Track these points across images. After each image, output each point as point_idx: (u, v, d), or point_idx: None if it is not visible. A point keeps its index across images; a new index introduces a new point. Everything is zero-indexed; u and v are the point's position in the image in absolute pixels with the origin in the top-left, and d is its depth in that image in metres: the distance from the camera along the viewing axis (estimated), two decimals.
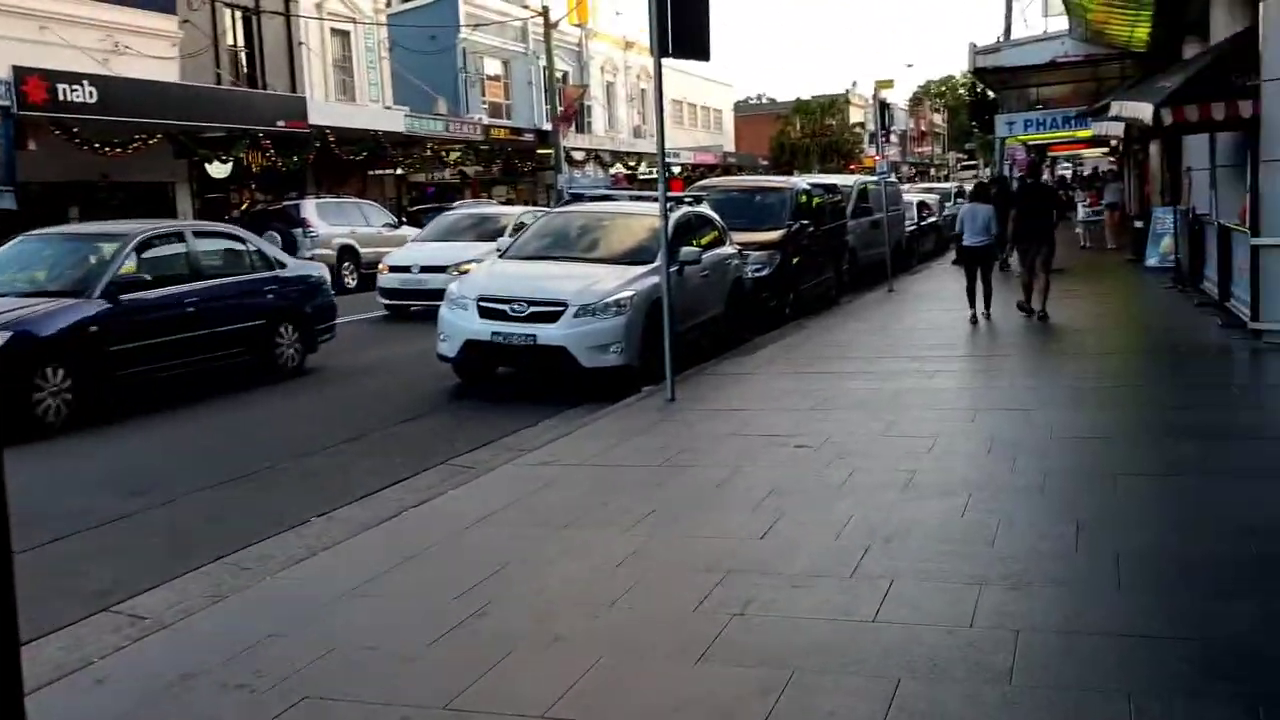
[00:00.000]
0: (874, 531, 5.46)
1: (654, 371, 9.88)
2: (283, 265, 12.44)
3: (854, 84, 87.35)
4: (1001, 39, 25.00)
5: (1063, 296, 16.02)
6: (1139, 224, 22.03)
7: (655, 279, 10.00)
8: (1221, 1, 14.93)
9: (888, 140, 22.44)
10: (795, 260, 15.74)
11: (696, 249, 11.77)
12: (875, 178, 22.18)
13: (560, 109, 41.02)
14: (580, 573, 5.15)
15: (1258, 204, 11.92)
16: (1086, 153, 60.25)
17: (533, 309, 10.26)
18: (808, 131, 72.60)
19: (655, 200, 12.17)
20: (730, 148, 65.32)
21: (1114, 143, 49.08)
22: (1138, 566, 4.75)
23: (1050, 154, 45.97)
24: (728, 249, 13.56)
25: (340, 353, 13.17)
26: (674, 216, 11.97)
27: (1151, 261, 19.55)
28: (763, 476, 6.70)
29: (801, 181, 17.42)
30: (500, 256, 12.05)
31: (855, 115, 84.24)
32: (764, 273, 15.01)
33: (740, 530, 5.64)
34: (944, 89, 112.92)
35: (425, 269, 17.55)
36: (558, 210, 13.10)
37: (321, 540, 6.09)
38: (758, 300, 14.69)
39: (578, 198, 13.41)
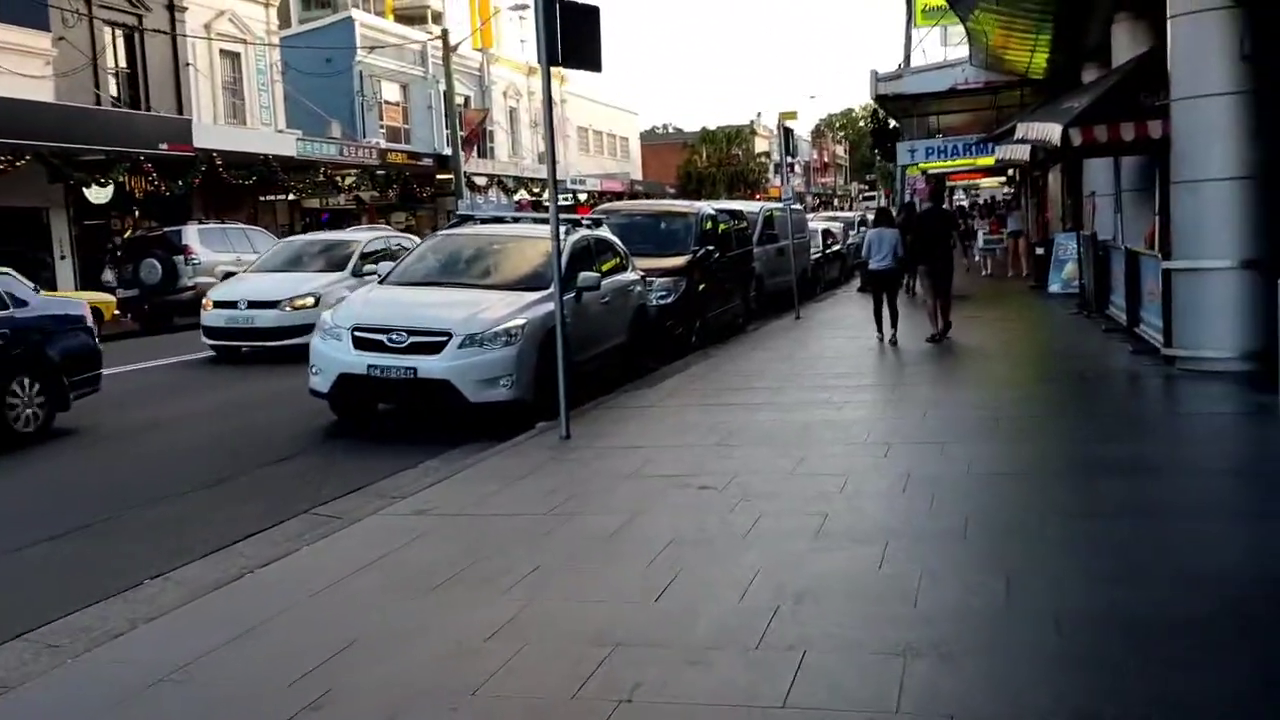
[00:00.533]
0: (783, 589, 4.81)
1: (548, 406, 9.17)
2: (21, 303, 10.18)
3: (759, 114, 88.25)
4: (902, 66, 24.99)
5: (969, 323, 15.74)
6: (1040, 250, 22.02)
7: (550, 306, 9.29)
8: (1123, 25, 14.86)
9: (792, 170, 22.17)
10: (701, 287, 15.19)
11: (595, 274, 11.10)
12: (780, 204, 21.84)
13: (462, 133, 40.24)
14: (444, 649, 4.40)
15: (1167, 227, 11.71)
16: (984, 182, 61.36)
17: (413, 339, 9.47)
18: (714, 160, 72.89)
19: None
20: (637, 175, 65.14)
21: (1011, 171, 50.21)
22: (1080, 630, 4.17)
23: (949, 183, 46.61)
24: (630, 275, 12.93)
25: (162, 399, 12.23)
26: (571, 240, 11.32)
27: (1054, 288, 19.47)
28: (661, 524, 6.02)
29: (707, 206, 16.91)
30: (380, 282, 11.22)
31: (760, 145, 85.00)
32: (669, 300, 14.42)
33: (633, 590, 4.94)
34: (845, 121, 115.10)
35: (254, 304, 15.42)
36: (444, 233, 12.32)
37: (152, 607, 5.25)
38: (662, 328, 14.09)
39: (466, 219, 12.65)
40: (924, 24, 29.88)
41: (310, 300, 15.27)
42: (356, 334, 9.66)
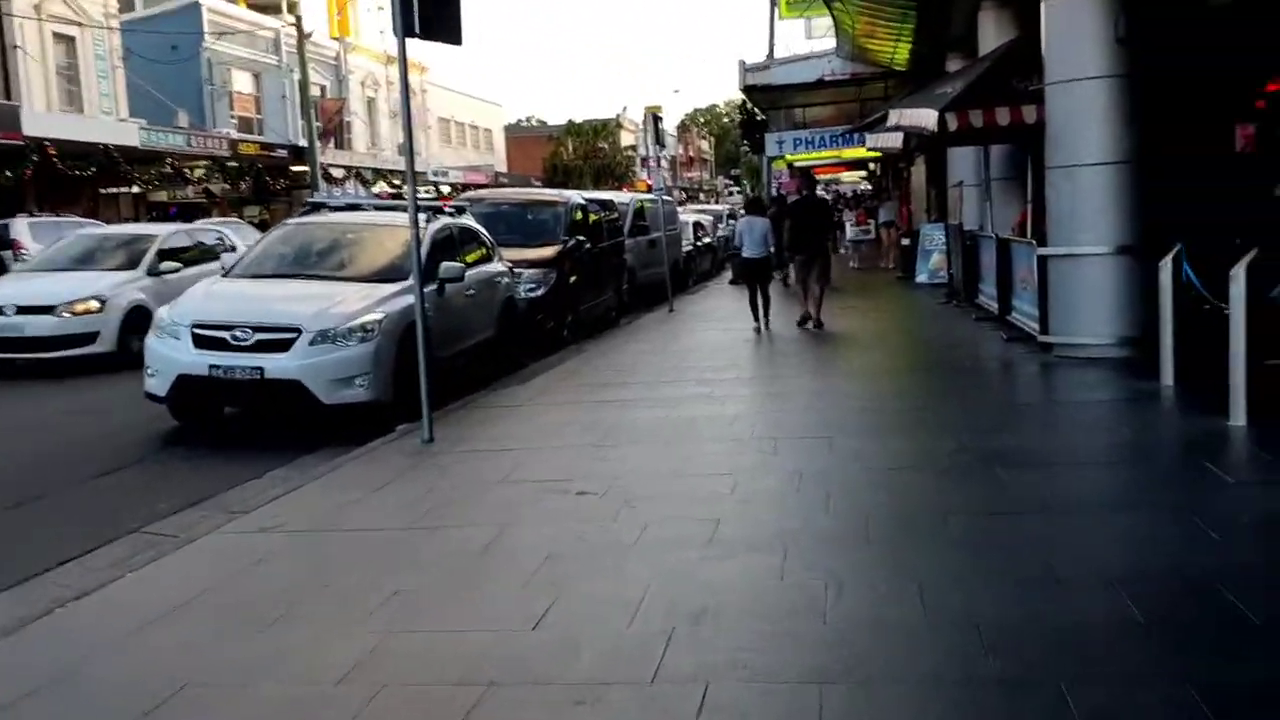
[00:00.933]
0: (677, 607, 4.30)
1: (409, 407, 8.48)
2: None
3: (624, 108, 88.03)
4: (769, 58, 24.88)
5: (842, 313, 15.58)
6: (906, 242, 22.15)
7: (409, 299, 8.61)
8: (989, 14, 14.87)
9: (659, 164, 21.81)
10: (572, 279, 14.64)
11: (459, 265, 10.43)
12: (652, 196, 21.45)
13: (318, 124, 38.76)
14: (287, 695, 3.75)
15: (1040, 213, 11.65)
16: (845, 175, 62.35)
17: (259, 336, 8.65)
18: (581, 153, 72.34)
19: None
20: (502, 168, 64.15)
21: (872, 166, 50.95)
22: (1006, 644, 3.77)
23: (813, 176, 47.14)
24: (497, 266, 12.29)
25: None
26: (432, 228, 10.63)
27: (921, 278, 19.55)
28: (537, 536, 5.45)
29: (577, 196, 16.36)
30: (223, 275, 10.33)
31: (627, 139, 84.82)
32: (538, 292, 13.83)
33: (507, 616, 4.37)
34: (709, 116, 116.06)
35: (24, 309, 13.11)
36: (294, 221, 11.46)
37: None
38: (532, 322, 13.49)
39: (319, 206, 11.80)
40: (789, 15, 29.93)
41: (94, 304, 13.32)
42: (197, 331, 8.79)
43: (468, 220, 12.21)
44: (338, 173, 41.73)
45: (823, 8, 29.31)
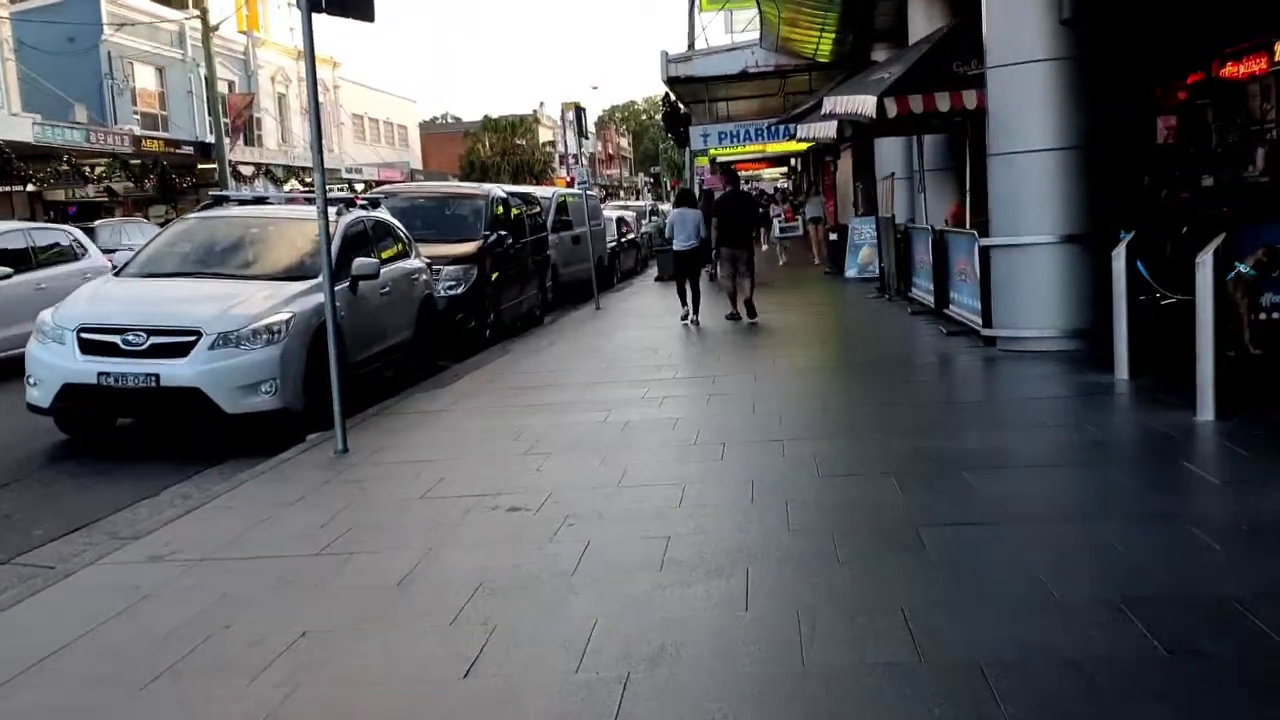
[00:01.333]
0: (631, 648, 3.73)
1: (321, 415, 7.80)
2: None
3: (541, 104, 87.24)
4: (691, 49, 24.39)
5: (776, 309, 15.16)
6: (834, 237, 21.85)
7: (320, 298, 7.91)
8: (919, 3, 14.55)
9: (580, 159, 21.22)
10: (494, 276, 13.98)
11: (374, 261, 9.74)
12: (575, 190, 20.86)
13: (226, 120, 37.41)
14: None
15: (980, 204, 11.33)
16: (766, 173, 62.25)
17: (154, 340, 7.87)
18: (498, 149, 71.32)
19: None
20: (418, 165, 62.86)
21: (793, 162, 50.79)
22: (1018, 689, 3.26)
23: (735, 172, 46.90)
24: (414, 262, 11.60)
25: None
26: (344, 222, 9.93)
27: (851, 273, 19.25)
28: (465, 563, 4.84)
29: (498, 189, 15.69)
30: (115, 274, 9.50)
31: (545, 135, 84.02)
32: (458, 290, 13.16)
33: (434, 662, 3.76)
34: (627, 114, 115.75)
35: None
36: (195, 216, 10.64)
37: None
38: (452, 321, 12.84)
39: (222, 200, 10.98)
40: (710, 8, 29.50)
41: None
42: (83, 336, 7.99)
43: (382, 214, 11.50)
44: (247, 170, 40.39)
45: (742, 1, 29.01)
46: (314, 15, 7.33)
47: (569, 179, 72.91)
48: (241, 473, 7.04)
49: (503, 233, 14.58)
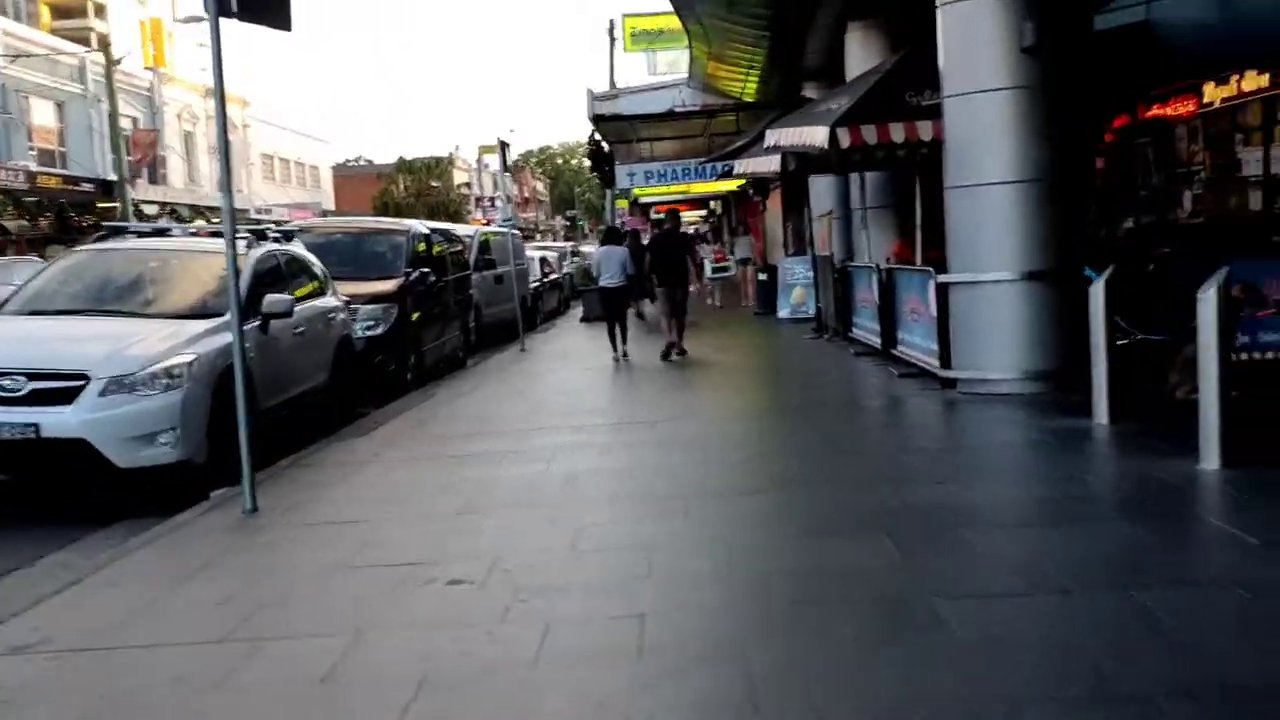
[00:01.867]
0: None
1: (228, 468, 6.91)
2: None
3: (457, 147, 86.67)
4: (618, 87, 23.94)
5: (712, 351, 14.59)
6: (764, 277, 21.42)
7: (226, 338, 7.05)
8: (856, 35, 14.22)
9: (493, 204, 20.55)
10: (416, 315, 13.16)
11: (287, 298, 8.87)
12: (499, 228, 20.14)
13: (130, 158, 36.02)
14: None
15: (933, 239, 10.91)
16: (687, 215, 62.26)
17: (35, 385, 6.92)
18: (413, 191, 70.21)
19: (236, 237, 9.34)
20: (330, 206, 61.51)
21: (713, 204, 50.63)
22: None
23: (654, 214, 46.60)
24: (332, 300, 10.75)
25: None
26: (254, 256, 9.09)
27: (784, 313, 18.77)
28: (403, 650, 4.04)
29: (420, 225, 14.86)
30: None
31: (460, 177, 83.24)
32: (378, 330, 12.31)
33: None
34: (543, 157, 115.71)
35: None
36: (87, 248, 9.67)
37: None
38: (372, 363, 11.99)
39: (118, 231, 10.03)
40: (633, 49, 29.21)
41: None
42: None
43: (297, 248, 10.64)
44: (151, 209, 38.89)
45: (667, 42, 28.78)
46: (222, 48, 6.53)
47: (485, 221, 72.35)
48: (133, 538, 6.13)
49: (424, 270, 13.77)
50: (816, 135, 9.73)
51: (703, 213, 57.16)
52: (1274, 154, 11.94)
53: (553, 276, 27.14)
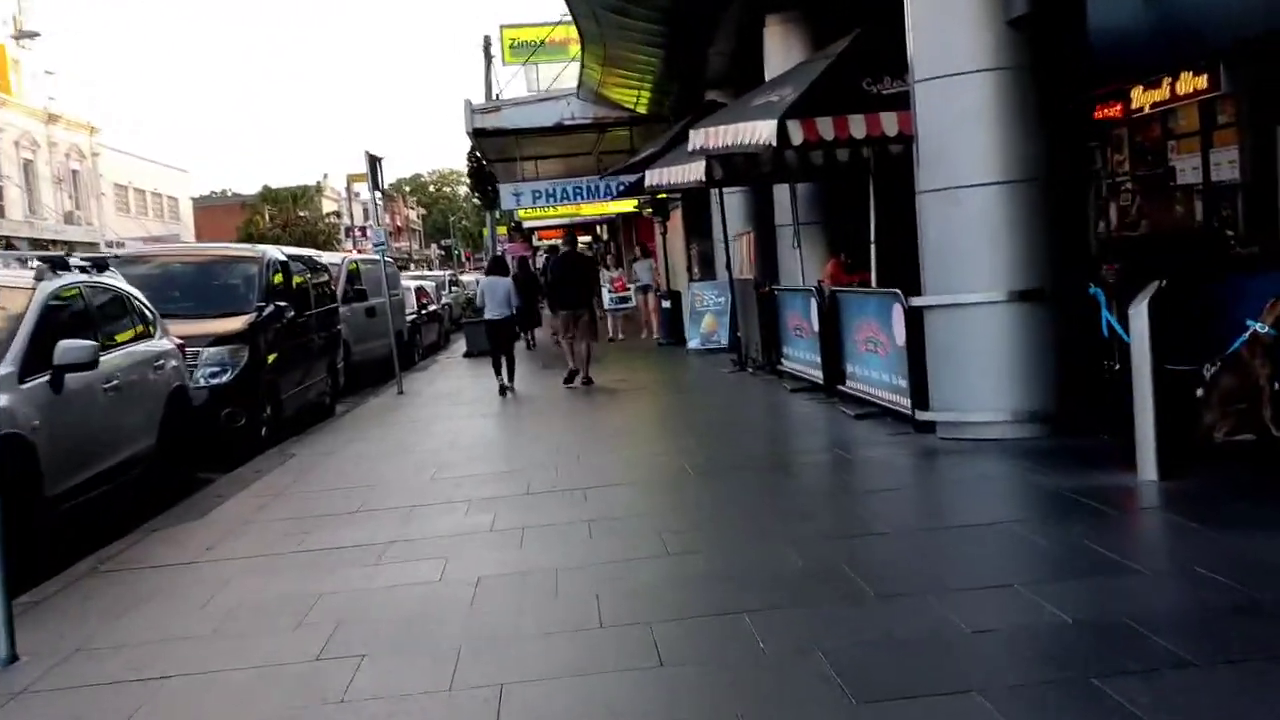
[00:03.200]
0: None
1: None
2: None
3: (325, 175, 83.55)
4: (500, 97, 22.01)
5: (626, 390, 12.87)
6: (667, 304, 19.73)
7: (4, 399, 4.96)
8: (775, 31, 12.63)
9: (370, 230, 18.40)
10: (272, 358, 11.04)
11: (88, 345, 6.74)
12: (371, 255, 18.03)
13: None
14: None
15: (890, 257, 9.36)
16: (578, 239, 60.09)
17: None
18: (279, 221, 66.93)
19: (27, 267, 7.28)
20: (190, 238, 57.91)
21: (599, 229, 48.74)
22: None
23: (537, 240, 44.70)
24: (159, 345, 8.63)
25: None
26: (44, 291, 6.94)
27: (693, 344, 17.08)
28: None
29: (276, 252, 12.65)
30: None
31: (329, 206, 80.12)
32: (225, 377, 10.21)
33: None
34: (415, 186, 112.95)
35: None
36: None
37: None
38: (217, 419, 9.90)
39: None
40: (512, 62, 27.35)
41: None
42: None
43: (113, 280, 8.48)
44: None
45: (549, 55, 27.01)
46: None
47: (355, 251, 69.42)
48: None
49: (281, 304, 11.62)
50: (760, 131, 8.03)
51: (588, 239, 55.36)
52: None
53: (431, 308, 24.99)
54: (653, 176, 11.91)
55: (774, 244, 13.18)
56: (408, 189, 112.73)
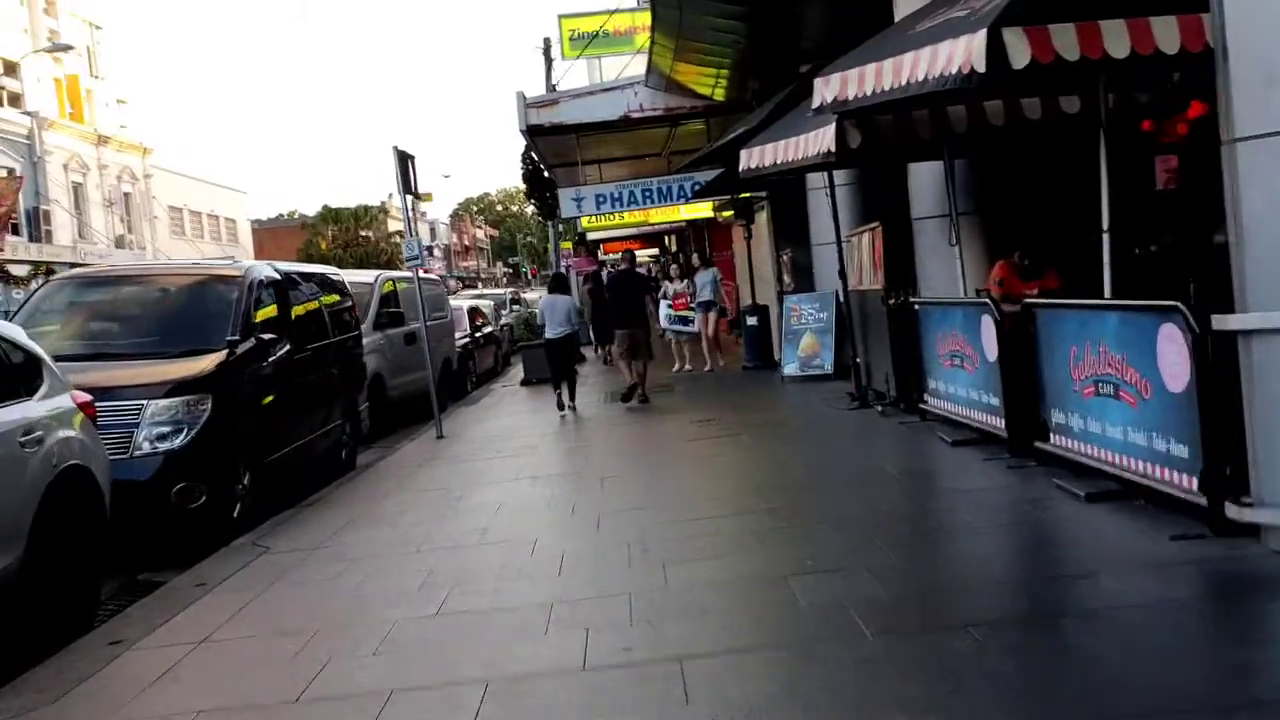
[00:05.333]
0: None
1: None
2: None
3: (390, 195, 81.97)
4: (558, 90, 19.23)
5: (714, 441, 9.86)
6: (753, 320, 16.68)
7: None
8: None
9: (431, 253, 15.72)
10: (253, 407, 8.31)
11: None
12: (406, 273, 15.29)
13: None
14: None
15: (1133, 262, 6.30)
16: (640, 254, 56.33)
17: None
18: (341, 242, 65.05)
19: None
20: (250, 262, 56.18)
21: (667, 240, 45.36)
22: None
23: (605, 254, 41.80)
24: (41, 407, 5.83)
25: None
26: None
27: (789, 369, 14.00)
28: None
29: (265, 268, 9.87)
30: None
31: (394, 226, 78.56)
32: (177, 441, 7.50)
33: None
34: (483, 205, 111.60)
35: None
36: None
37: None
38: (166, 500, 7.20)
39: None
40: (571, 56, 24.57)
41: None
42: None
43: None
44: (19, 270, 33.56)
45: (613, 47, 24.18)
46: None
47: (423, 272, 67.05)
48: None
49: (267, 337, 8.82)
50: (960, 53, 4.98)
51: (654, 251, 52.03)
52: None
53: (488, 329, 22.24)
54: (752, 157, 8.87)
55: (908, 243, 10.06)
56: (475, 209, 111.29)
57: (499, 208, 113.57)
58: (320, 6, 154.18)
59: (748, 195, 17.15)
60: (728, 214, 19.80)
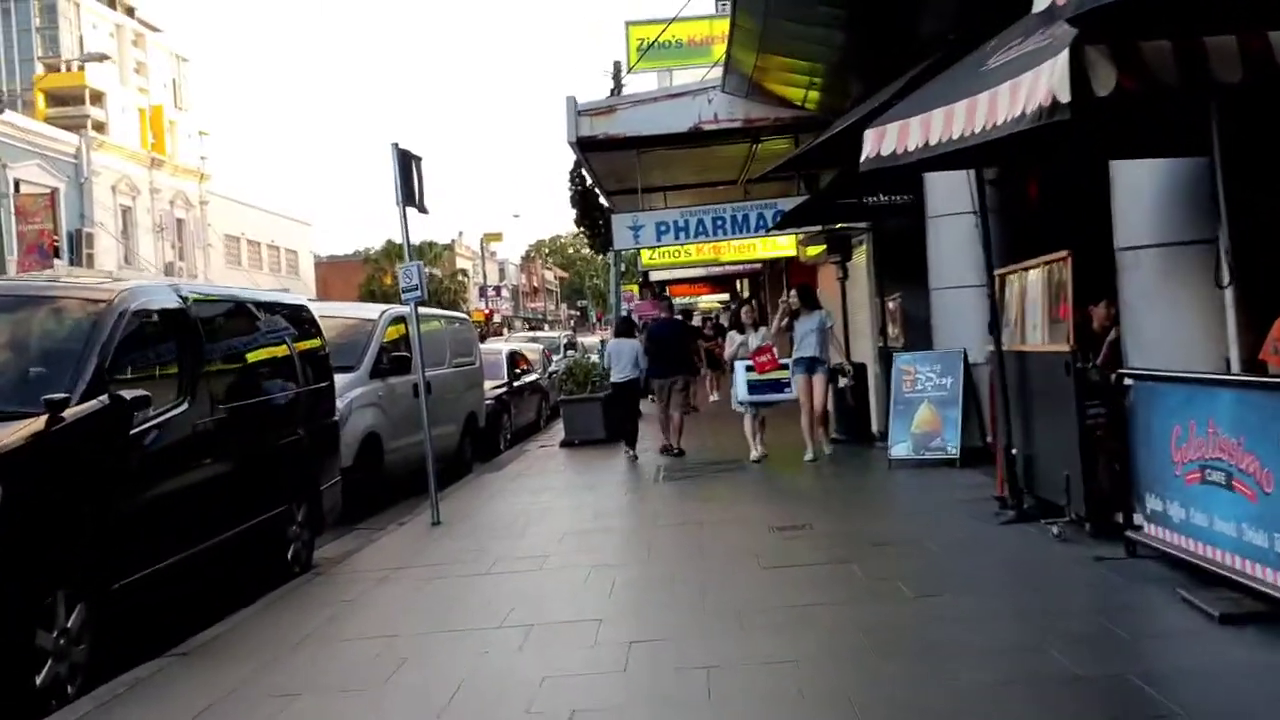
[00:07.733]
0: None
1: None
2: None
3: (460, 234, 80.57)
4: (615, 95, 16.28)
5: (807, 570, 6.61)
6: (847, 381, 13.32)
7: None
8: None
9: (504, 289, 12.86)
10: (96, 500, 5.24)
11: None
12: (452, 313, 12.40)
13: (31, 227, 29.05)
14: None
15: None
16: (704, 299, 52.60)
17: None
18: None
19: None
20: (311, 295, 54.10)
21: (739, 284, 41.54)
22: None
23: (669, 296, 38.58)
24: None
25: None
26: None
27: (899, 450, 10.58)
28: None
29: (156, 290, 6.64)
30: None
31: (462, 263, 76.90)
32: None
33: None
34: (554, 247, 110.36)
35: None
36: None
37: None
38: None
39: None
40: (640, 68, 21.69)
41: None
42: None
43: None
44: None
45: (688, 59, 21.29)
46: None
47: (487, 312, 64.78)
48: None
49: (132, 395, 5.74)
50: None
51: (723, 297, 48.38)
52: None
53: (530, 377, 19.21)
54: (885, 138, 5.50)
55: (1108, 281, 6.71)
56: (546, 250, 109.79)
57: (570, 250, 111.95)
58: (399, 44, 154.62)
59: (843, 226, 13.91)
60: (816, 250, 16.50)
